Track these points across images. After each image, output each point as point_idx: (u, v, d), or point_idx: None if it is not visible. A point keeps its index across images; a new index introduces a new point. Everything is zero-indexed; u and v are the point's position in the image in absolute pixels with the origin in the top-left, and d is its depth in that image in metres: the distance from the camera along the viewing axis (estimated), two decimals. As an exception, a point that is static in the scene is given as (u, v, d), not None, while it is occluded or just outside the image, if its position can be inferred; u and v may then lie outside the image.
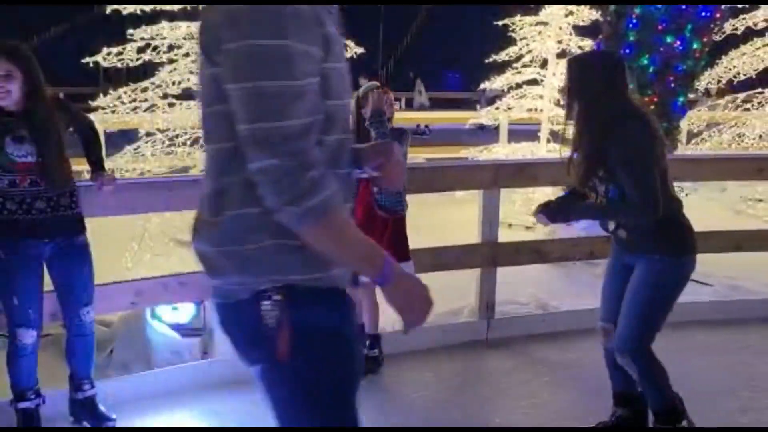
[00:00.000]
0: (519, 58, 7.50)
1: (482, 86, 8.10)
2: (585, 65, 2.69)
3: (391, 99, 3.45)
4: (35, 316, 2.75)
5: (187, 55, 6.18)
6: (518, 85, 7.54)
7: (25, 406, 2.84)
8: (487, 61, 7.61)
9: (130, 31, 6.05)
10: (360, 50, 6.84)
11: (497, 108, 7.95)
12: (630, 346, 2.62)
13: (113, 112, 6.16)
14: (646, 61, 6.46)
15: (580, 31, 7.39)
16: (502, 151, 7.68)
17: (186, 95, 6.28)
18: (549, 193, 5.56)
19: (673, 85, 6.60)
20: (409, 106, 17.80)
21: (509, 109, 7.74)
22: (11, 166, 2.66)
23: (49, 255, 2.80)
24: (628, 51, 6.39)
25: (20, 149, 2.67)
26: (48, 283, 2.90)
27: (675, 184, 2.74)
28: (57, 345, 3.84)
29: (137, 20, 6.01)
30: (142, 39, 6.04)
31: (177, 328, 3.60)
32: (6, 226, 2.69)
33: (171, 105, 6.18)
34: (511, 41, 7.57)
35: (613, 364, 2.79)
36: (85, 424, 2.98)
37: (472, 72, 12.23)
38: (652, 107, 6.03)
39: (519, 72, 7.47)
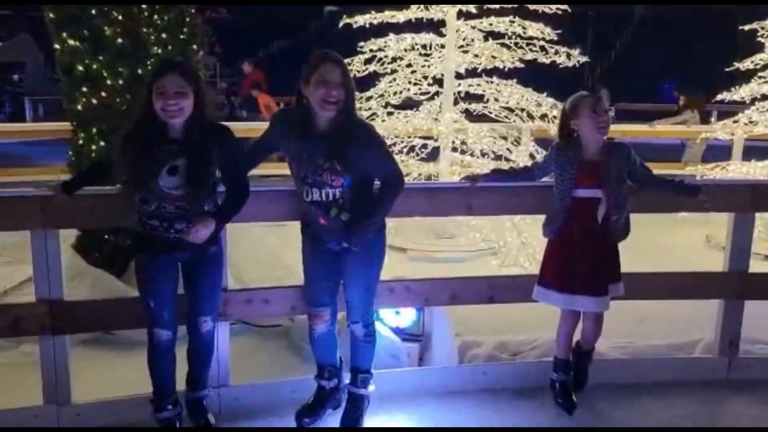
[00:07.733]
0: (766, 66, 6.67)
1: (720, 97, 7.30)
2: None
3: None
4: (169, 318, 2.83)
5: (408, 65, 6.35)
6: (765, 96, 6.69)
7: (163, 417, 2.94)
8: (727, 69, 6.85)
9: (361, 43, 6.36)
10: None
11: (735, 122, 7.13)
12: (370, 317, 3.02)
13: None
14: None
15: None
16: (740, 170, 6.86)
17: (405, 105, 6.43)
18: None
19: None
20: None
21: (751, 122, 6.90)
22: (162, 195, 2.69)
23: (184, 260, 2.85)
24: None
25: (172, 182, 2.67)
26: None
27: None
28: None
29: (366, 32, 6.31)
30: (371, 51, 6.31)
31: (397, 331, 3.66)
32: (147, 240, 2.78)
33: (390, 114, 6.36)
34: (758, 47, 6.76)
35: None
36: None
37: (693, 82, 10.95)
38: None
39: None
